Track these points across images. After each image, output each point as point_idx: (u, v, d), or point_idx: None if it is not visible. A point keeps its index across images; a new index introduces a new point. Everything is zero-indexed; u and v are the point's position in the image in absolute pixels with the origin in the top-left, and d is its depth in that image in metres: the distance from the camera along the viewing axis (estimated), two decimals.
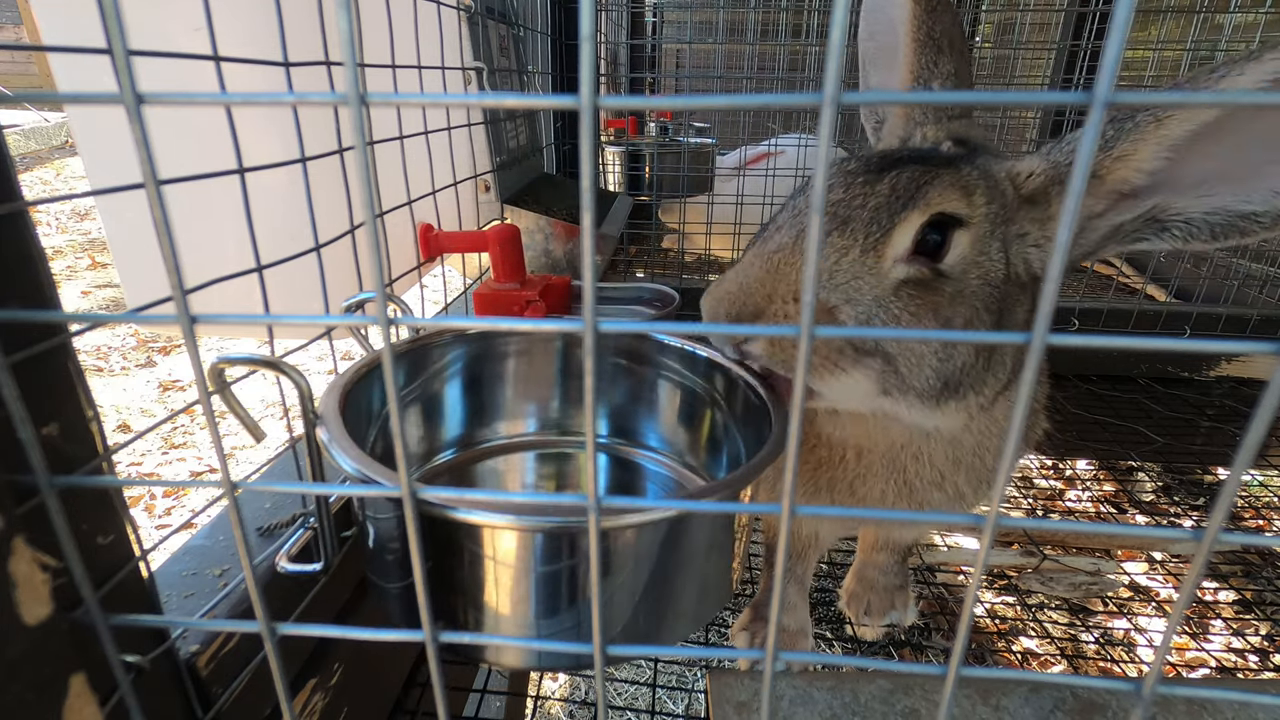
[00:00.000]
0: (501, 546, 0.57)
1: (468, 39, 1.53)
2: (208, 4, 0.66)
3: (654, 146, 2.99)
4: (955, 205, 0.64)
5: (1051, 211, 0.67)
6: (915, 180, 0.65)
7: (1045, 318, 0.28)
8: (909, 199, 0.64)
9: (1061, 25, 3.11)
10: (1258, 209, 0.59)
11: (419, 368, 0.89)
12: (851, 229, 0.64)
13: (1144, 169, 0.61)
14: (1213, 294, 2.06)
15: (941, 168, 0.66)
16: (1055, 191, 0.66)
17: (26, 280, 0.45)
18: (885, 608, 1.15)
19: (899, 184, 0.65)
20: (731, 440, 0.87)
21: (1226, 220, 0.60)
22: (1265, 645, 1.55)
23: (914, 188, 0.64)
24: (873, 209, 0.64)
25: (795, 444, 0.32)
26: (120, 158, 1.04)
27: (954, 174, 0.65)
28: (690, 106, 0.31)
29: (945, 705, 0.36)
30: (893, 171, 0.66)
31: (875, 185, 0.65)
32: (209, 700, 0.64)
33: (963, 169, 0.66)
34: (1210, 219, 0.61)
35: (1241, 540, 0.32)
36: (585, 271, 0.30)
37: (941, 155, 0.71)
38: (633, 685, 2.22)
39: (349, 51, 0.28)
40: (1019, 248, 0.68)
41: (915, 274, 0.64)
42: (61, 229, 6.17)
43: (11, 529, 0.40)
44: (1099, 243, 0.67)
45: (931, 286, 0.65)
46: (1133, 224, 0.64)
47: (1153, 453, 1.73)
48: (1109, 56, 0.25)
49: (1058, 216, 0.65)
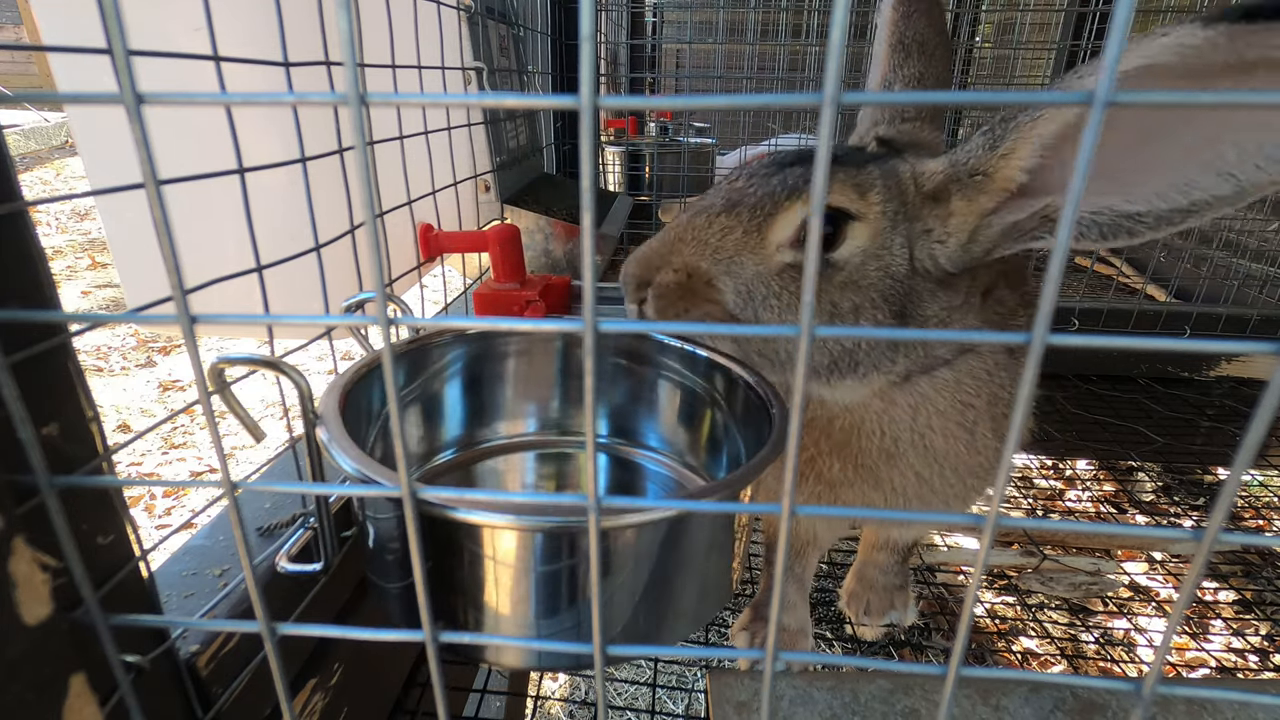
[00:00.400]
0: (501, 546, 0.57)
1: (468, 39, 1.53)
2: (208, 4, 0.66)
3: (654, 146, 2.99)
4: (845, 200, 0.69)
5: (951, 209, 0.69)
6: (805, 175, 0.71)
7: (1045, 318, 0.28)
8: (794, 189, 0.70)
9: (1061, 25, 3.12)
10: (1140, 209, 0.60)
11: (419, 368, 0.89)
12: (737, 212, 0.71)
13: (1025, 167, 0.63)
14: (1213, 294, 2.06)
15: (846, 166, 0.71)
16: (954, 189, 0.69)
17: (26, 280, 0.45)
18: (885, 607, 1.15)
19: (790, 178, 0.71)
20: (732, 440, 0.87)
21: (1112, 220, 0.62)
22: (1265, 645, 1.56)
23: (803, 181, 0.70)
24: (760, 196, 0.71)
25: (795, 444, 0.32)
26: (120, 158, 1.04)
27: (851, 172, 0.70)
28: (690, 106, 0.31)
29: (945, 705, 0.36)
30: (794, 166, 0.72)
31: (771, 179, 0.72)
32: (209, 700, 0.64)
33: (865, 168, 0.70)
34: (1097, 219, 0.62)
35: (1241, 540, 0.32)
36: (585, 271, 0.30)
37: (862, 155, 0.74)
38: (633, 685, 2.22)
39: (349, 51, 0.28)
40: (924, 243, 0.71)
41: (799, 260, 0.70)
42: (61, 229, 6.17)
43: (11, 529, 0.40)
44: (997, 239, 0.69)
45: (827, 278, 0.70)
46: (1028, 222, 0.66)
47: (1153, 453, 1.73)
48: (1109, 56, 0.25)
49: (956, 213, 0.69)
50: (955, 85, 3.35)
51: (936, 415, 0.77)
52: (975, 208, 0.68)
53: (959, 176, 0.68)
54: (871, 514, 0.34)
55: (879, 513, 0.35)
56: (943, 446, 0.78)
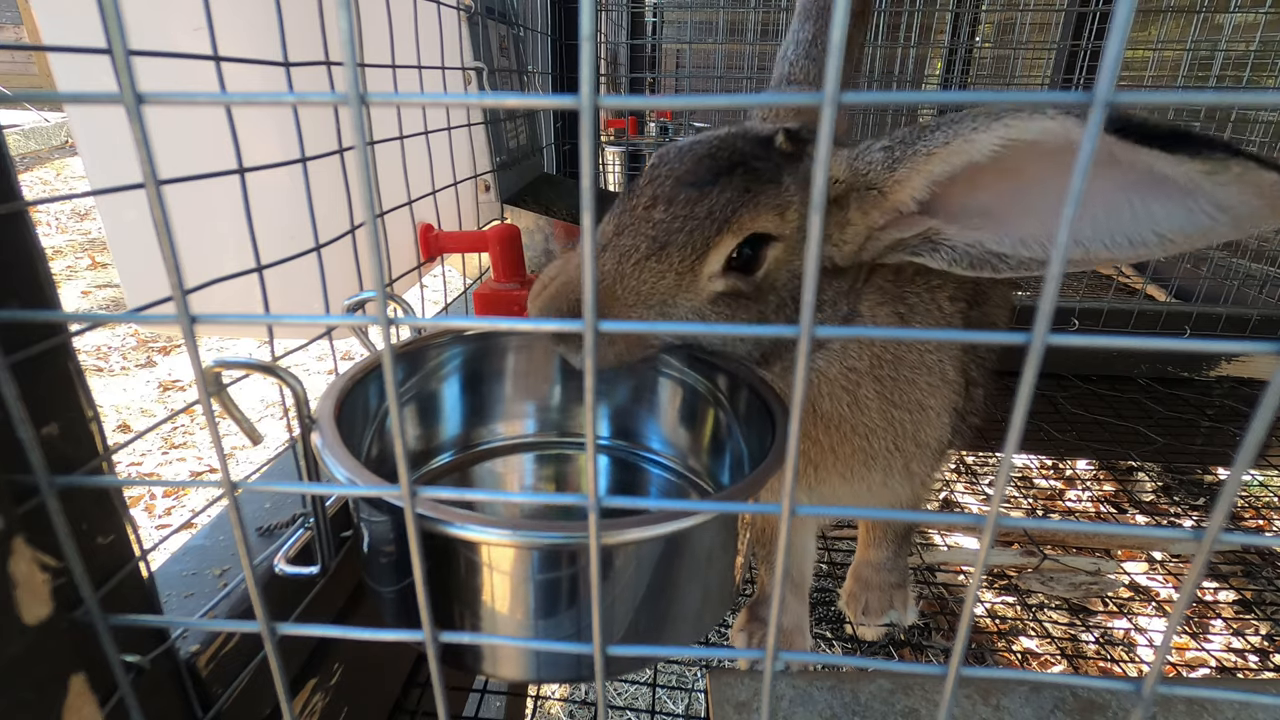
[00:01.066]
0: (498, 561, 0.57)
1: (468, 39, 1.53)
2: (208, 4, 0.66)
3: (654, 146, 2.99)
4: (768, 225, 0.70)
5: (849, 217, 0.72)
6: (732, 203, 0.69)
7: (1045, 317, 0.28)
8: (724, 222, 0.69)
9: (1061, 25, 3.12)
10: (1006, 252, 0.66)
11: (418, 368, 0.89)
12: (668, 253, 0.70)
13: (915, 197, 0.68)
14: (1213, 294, 2.06)
15: (763, 184, 0.71)
16: (853, 198, 0.71)
17: (26, 280, 0.45)
18: (884, 607, 1.15)
19: (717, 206, 0.70)
20: (734, 441, 0.87)
21: (981, 255, 0.67)
22: (1265, 645, 1.56)
23: (729, 211, 0.69)
24: (688, 231, 0.70)
25: (795, 444, 0.32)
26: (120, 158, 1.05)
27: (773, 193, 0.70)
28: (690, 106, 0.31)
29: (945, 705, 0.36)
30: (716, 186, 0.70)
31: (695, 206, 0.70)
32: (209, 700, 0.64)
33: (783, 182, 0.71)
34: (970, 251, 0.67)
35: (1242, 540, 0.32)
36: (585, 271, 0.30)
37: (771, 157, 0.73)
38: (633, 685, 2.22)
39: (349, 51, 0.28)
40: (825, 246, 0.73)
41: (729, 287, 0.72)
42: (61, 229, 6.17)
43: (11, 529, 0.41)
44: (882, 251, 0.73)
45: (744, 294, 0.72)
46: (912, 240, 0.70)
47: (1153, 453, 1.73)
48: (1109, 56, 0.25)
49: (852, 223, 0.72)
50: (955, 85, 3.36)
51: (825, 382, 0.81)
52: (868, 221, 0.71)
53: (857, 186, 0.70)
54: (872, 514, 0.34)
55: (879, 512, 0.35)
56: (829, 409, 0.82)
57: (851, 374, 0.81)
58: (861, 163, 0.69)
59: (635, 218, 0.72)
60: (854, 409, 0.83)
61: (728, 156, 0.72)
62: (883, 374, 0.82)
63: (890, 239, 0.71)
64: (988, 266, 0.67)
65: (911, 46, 3.37)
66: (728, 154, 0.72)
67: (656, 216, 0.71)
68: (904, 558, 1.18)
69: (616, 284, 0.70)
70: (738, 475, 0.86)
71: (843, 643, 1.75)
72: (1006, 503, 1.97)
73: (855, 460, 0.86)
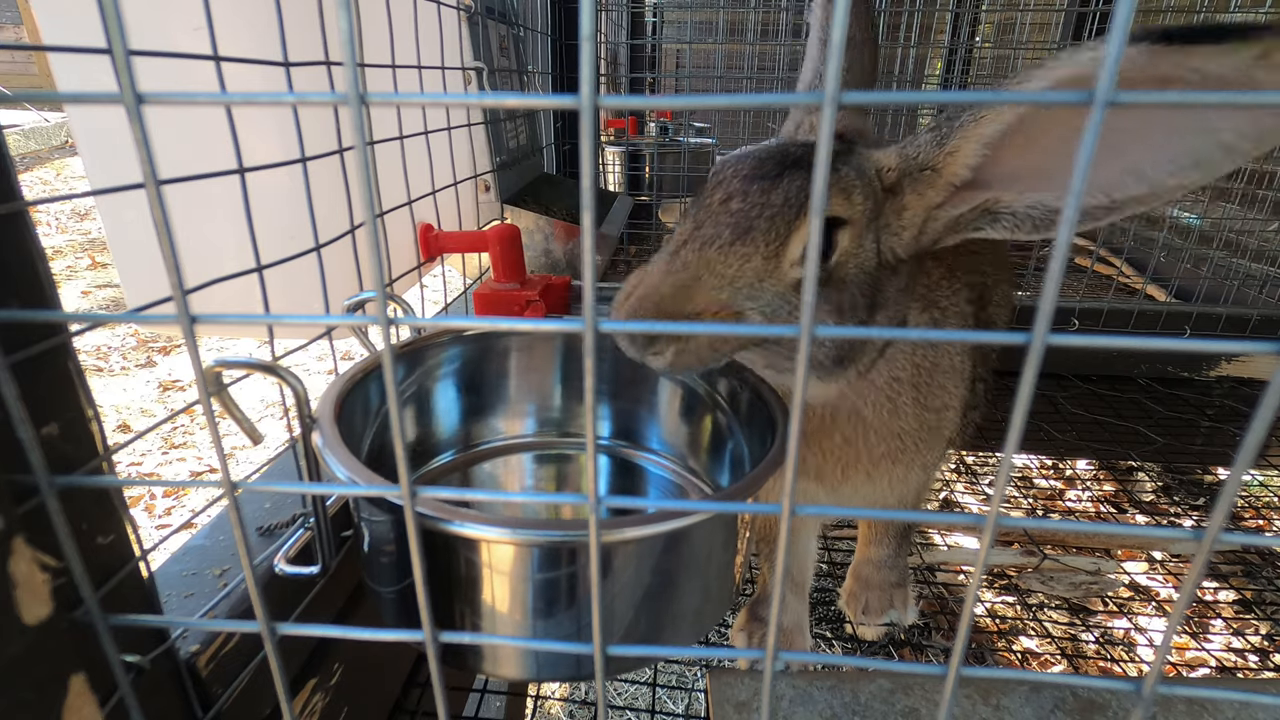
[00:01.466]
0: (498, 560, 0.57)
1: (468, 39, 1.53)
2: (208, 4, 0.66)
3: (654, 146, 2.99)
4: (839, 209, 0.71)
5: (905, 202, 0.73)
6: (804, 189, 0.71)
7: (1045, 317, 0.28)
8: (801, 206, 0.71)
9: (1061, 25, 3.12)
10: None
11: (418, 368, 0.89)
12: (752, 238, 0.70)
13: (969, 164, 0.68)
14: (1213, 294, 2.06)
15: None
16: (906, 183, 0.72)
17: (26, 280, 0.45)
18: (884, 606, 1.15)
19: (791, 192, 0.71)
20: (735, 441, 0.87)
21: (1044, 214, 0.67)
22: (1265, 645, 1.56)
23: (804, 195, 0.71)
24: (769, 218, 0.71)
25: (795, 444, 0.32)
26: (120, 158, 1.04)
27: (834, 178, 0.72)
28: (690, 106, 0.31)
29: (945, 705, 0.36)
30: (785, 177, 0.72)
31: (771, 194, 0.71)
32: (209, 700, 0.64)
33: (841, 170, 0.72)
34: (1031, 212, 0.67)
35: (1242, 540, 0.32)
36: (585, 271, 0.30)
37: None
38: (633, 685, 2.22)
39: (349, 51, 0.28)
40: (886, 236, 0.74)
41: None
42: (61, 229, 6.17)
43: (11, 529, 0.41)
44: (942, 231, 0.73)
45: (822, 281, 0.71)
46: (970, 215, 0.71)
47: (1153, 453, 1.73)
48: (1109, 56, 0.25)
49: (909, 207, 0.73)
50: (955, 85, 3.36)
51: (872, 390, 0.83)
52: (924, 201, 0.72)
53: (910, 171, 0.71)
54: (872, 514, 0.34)
55: (880, 513, 0.35)
56: (870, 416, 0.84)
57: (895, 383, 0.83)
58: (911, 148, 0.71)
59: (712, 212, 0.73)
60: (893, 415, 0.85)
61: (786, 156, 0.74)
62: (920, 380, 0.85)
63: (948, 216, 0.72)
64: (1052, 226, 0.66)
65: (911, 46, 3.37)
66: (784, 154, 0.74)
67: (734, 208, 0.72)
68: (904, 556, 1.18)
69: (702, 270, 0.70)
70: (738, 476, 0.86)
71: (843, 643, 1.75)
72: (1006, 503, 1.97)
73: (884, 461, 0.88)
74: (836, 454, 0.87)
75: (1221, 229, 2.21)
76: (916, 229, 0.73)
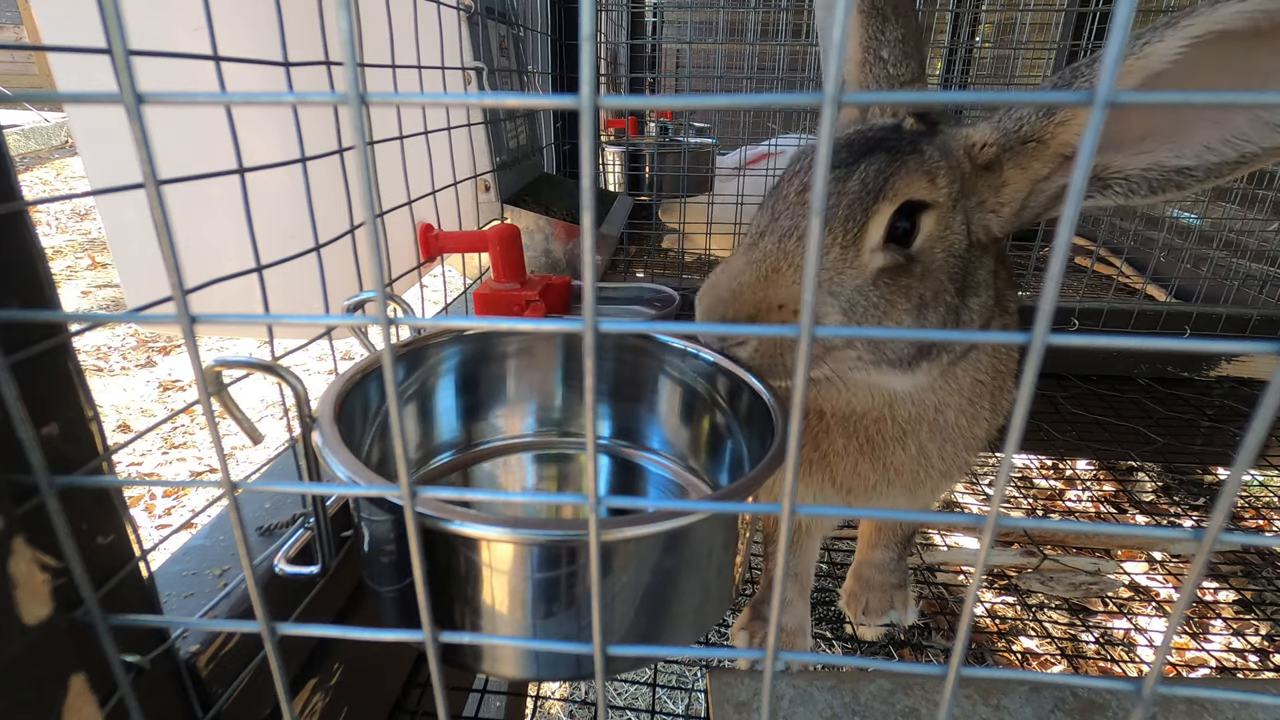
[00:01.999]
0: (498, 559, 0.57)
1: (468, 39, 1.53)
2: (208, 4, 0.66)
3: (654, 146, 2.99)
4: (921, 191, 0.68)
5: (1004, 178, 0.70)
6: (882, 172, 0.68)
7: (1045, 317, 0.28)
8: (878, 191, 0.67)
9: (1061, 25, 3.11)
10: (1190, 163, 0.62)
11: (418, 368, 0.89)
12: (830, 227, 0.68)
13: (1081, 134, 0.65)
14: (1213, 294, 2.06)
15: (906, 154, 0.69)
16: (1006, 158, 0.69)
17: (26, 280, 0.44)
18: (884, 607, 1.15)
19: (868, 177, 0.68)
20: (735, 441, 0.87)
21: (1162, 175, 0.64)
22: (1265, 645, 1.56)
23: (881, 180, 0.67)
24: (846, 205, 0.68)
25: (795, 444, 0.32)
26: (120, 158, 1.04)
27: (918, 160, 0.69)
28: (690, 106, 0.31)
29: (945, 705, 0.36)
30: (861, 163, 0.69)
31: (846, 181, 0.69)
32: (209, 700, 0.64)
33: (925, 152, 0.69)
34: (1148, 175, 0.64)
35: (1242, 540, 0.32)
36: (585, 271, 0.30)
37: (905, 135, 0.72)
38: (633, 685, 2.22)
39: (349, 51, 0.28)
40: (979, 215, 0.71)
41: (889, 261, 0.68)
42: (61, 229, 6.17)
43: (11, 529, 0.40)
44: (1046, 204, 0.71)
45: (904, 270, 0.69)
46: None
47: (1153, 453, 1.73)
48: (1109, 56, 0.25)
49: (1010, 182, 0.70)
50: (955, 85, 3.36)
51: (956, 392, 0.78)
52: (1028, 175, 0.69)
53: (1011, 145, 0.68)
54: (873, 514, 0.34)
55: (882, 513, 0.35)
56: (953, 421, 0.80)
57: (979, 386, 0.79)
58: (1010, 120, 0.68)
59: (789, 204, 0.71)
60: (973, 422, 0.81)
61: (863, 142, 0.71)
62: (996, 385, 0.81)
63: (1054, 188, 0.69)
64: (1171, 186, 0.64)
65: None
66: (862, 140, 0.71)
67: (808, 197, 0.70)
68: (905, 559, 1.18)
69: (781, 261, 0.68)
70: (738, 475, 0.86)
71: (843, 643, 1.75)
72: (1006, 503, 1.97)
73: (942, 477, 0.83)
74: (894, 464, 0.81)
75: (1221, 229, 2.21)
76: (1018, 204, 0.70)
